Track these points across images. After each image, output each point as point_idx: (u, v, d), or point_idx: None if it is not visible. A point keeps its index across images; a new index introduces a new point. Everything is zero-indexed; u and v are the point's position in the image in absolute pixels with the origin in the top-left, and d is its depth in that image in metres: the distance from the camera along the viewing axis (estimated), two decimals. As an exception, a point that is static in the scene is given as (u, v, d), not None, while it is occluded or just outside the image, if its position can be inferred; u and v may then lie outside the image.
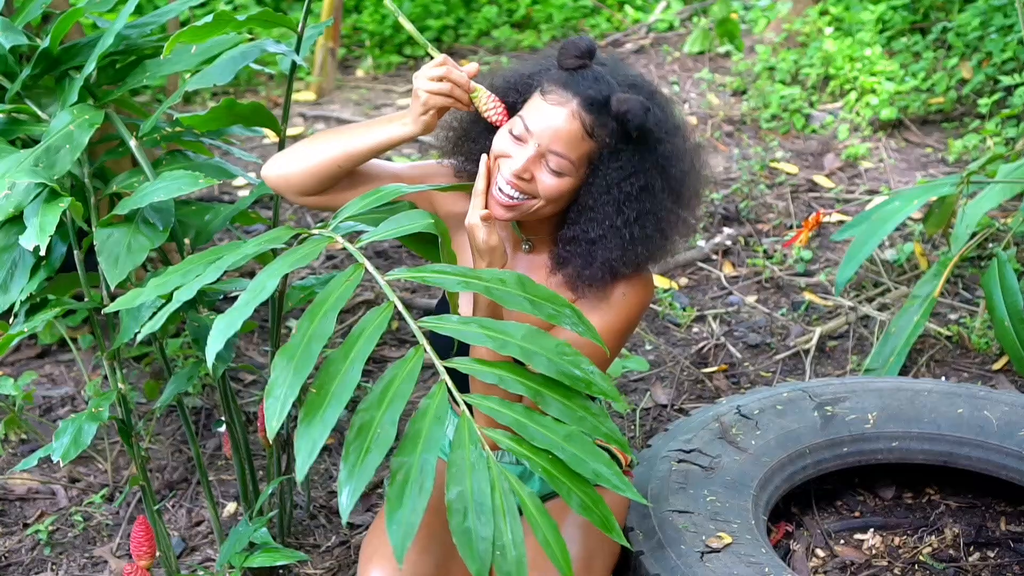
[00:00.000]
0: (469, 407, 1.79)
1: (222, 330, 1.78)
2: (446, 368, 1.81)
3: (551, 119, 2.05)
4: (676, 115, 2.18)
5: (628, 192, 2.10)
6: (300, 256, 1.89)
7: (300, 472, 1.67)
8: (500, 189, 2.09)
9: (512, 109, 2.13)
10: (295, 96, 5.50)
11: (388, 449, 1.70)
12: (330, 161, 2.14)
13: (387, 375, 1.78)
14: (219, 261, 1.90)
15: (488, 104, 2.09)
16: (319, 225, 2.05)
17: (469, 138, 2.21)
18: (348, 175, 2.18)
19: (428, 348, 1.82)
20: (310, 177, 2.16)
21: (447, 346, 1.96)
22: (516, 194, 2.08)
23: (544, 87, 2.08)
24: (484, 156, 2.08)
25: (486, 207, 2.07)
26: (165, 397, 2.47)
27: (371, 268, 1.88)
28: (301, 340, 1.77)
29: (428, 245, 2.24)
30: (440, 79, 2.04)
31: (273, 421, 1.71)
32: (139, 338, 2.07)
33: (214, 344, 1.78)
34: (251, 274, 3.83)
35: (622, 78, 2.12)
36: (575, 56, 2.09)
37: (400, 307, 1.84)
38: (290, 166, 2.18)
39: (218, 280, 1.91)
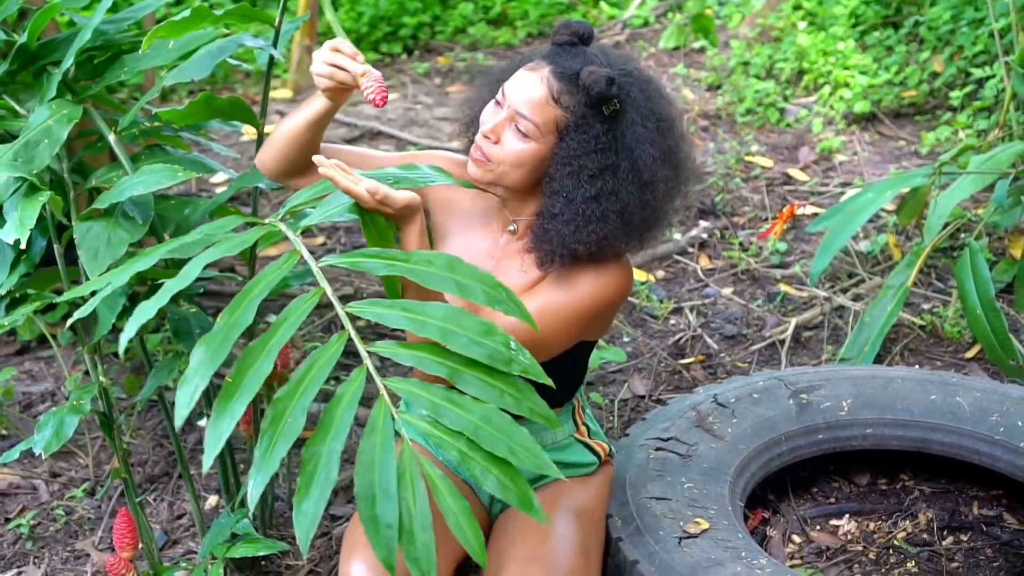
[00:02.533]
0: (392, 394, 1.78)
1: (138, 317, 1.81)
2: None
3: (522, 83, 2.13)
4: (662, 106, 2.18)
5: (589, 167, 2.12)
6: (231, 245, 1.90)
7: (205, 463, 1.67)
8: (472, 149, 2.18)
9: None
10: (274, 94, 5.51)
11: (295, 438, 1.69)
12: (283, 141, 2.21)
13: (306, 362, 1.77)
14: (157, 250, 1.93)
15: (370, 85, 2.07)
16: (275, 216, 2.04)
17: (473, 125, 2.28)
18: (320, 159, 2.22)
19: (353, 333, 1.81)
20: (275, 160, 2.24)
21: None
22: (481, 156, 2.16)
23: (531, 60, 2.17)
24: (318, 157, 2.03)
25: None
26: (146, 391, 2.49)
27: (306, 255, 1.89)
28: (222, 329, 1.77)
29: (381, 230, 2.24)
30: (326, 62, 2.08)
31: (183, 409, 1.71)
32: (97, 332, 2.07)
33: (128, 331, 1.80)
34: (231, 268, 3.85)
35: (618, 64, 2.16)
36: (567, 33, 2.17)
37: (330, 293, 1.84)
38: (263, 152, 2.28)
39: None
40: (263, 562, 2.67)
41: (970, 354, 3.42)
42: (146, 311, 1.81)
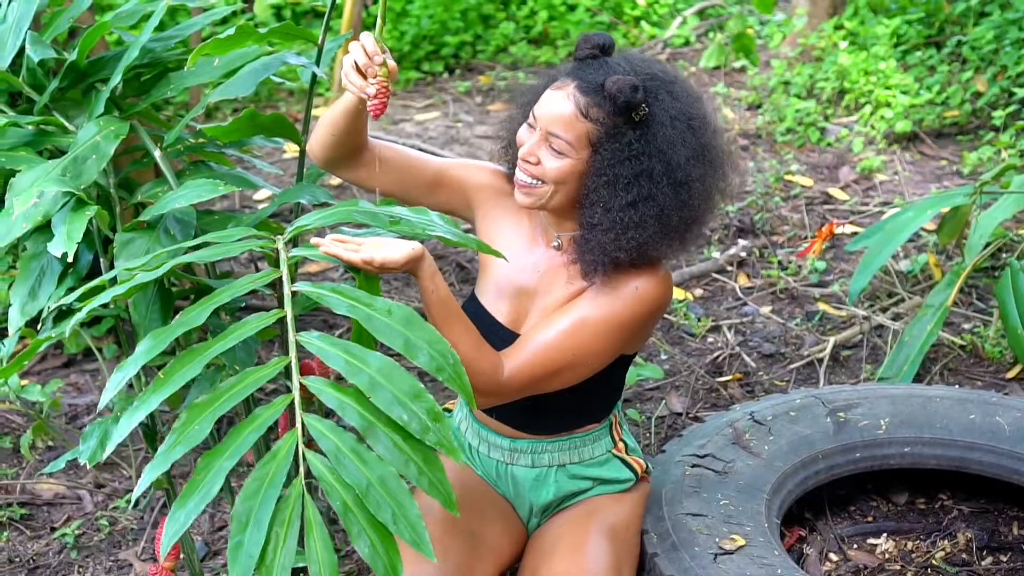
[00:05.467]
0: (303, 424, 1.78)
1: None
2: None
3: (550, 103, 2.16)
4: (693, 106, 2.19)
5: (624, 175, 2.13)
6: (219, 251, 1.94)
7: (93, 453, 1.71)
8: (517, 175, 2.20)
9: None
10: (316, 111, 5.57)
11: (194, 446, 1.71)
12: (326, 129, 2.26)
13: (237, 377, 1.79)
14: (161, 255, 1.97)
15: (371, 94, 2.09)
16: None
17: (511, 147, 2.32)
18: (371, 153, 2.30)
19: (294, 361, 1.81)
20: (320, 147, 2.29)
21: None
22: (527, 179, 2.18)
23: (557, 79, 2.19)
24: (316, 239, 2.04)
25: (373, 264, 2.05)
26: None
27: (285, 275, 1.90)
28: (173, 325, 1.82)
29: (370, 281, 2.23)
30: (354, 66, 2.10)
31: (108, 393, 1.78)
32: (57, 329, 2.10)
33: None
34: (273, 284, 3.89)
35: (642, 68, 2.18)
36: (588, 47, 2.19)
37: (290, 318, 1.84)
38: (311, 139, 2.33)
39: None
40: (301, 574, 2.69)
41: (1011, 374, 3.40)
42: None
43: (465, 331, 2.12)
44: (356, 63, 2.08)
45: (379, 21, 2.10)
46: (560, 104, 2.14)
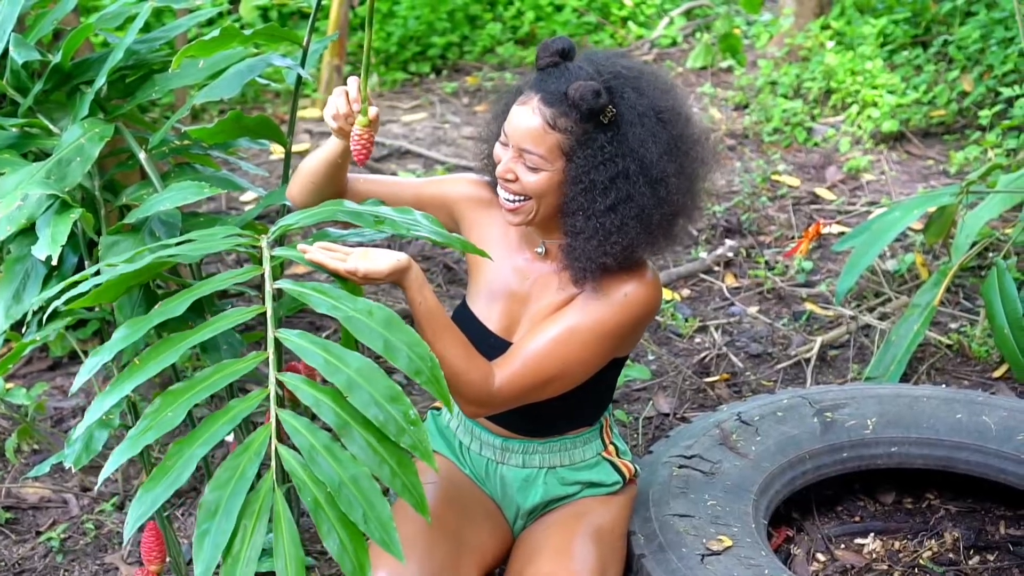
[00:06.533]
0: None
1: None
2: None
3: (517, 119, 2.14)
4: (661, 99, 2.17)
5: (600, 180, 2.12)
6: (198, 248, 1.95)
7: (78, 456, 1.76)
8: (500, 195, 2.19)
9: None
10: (302, 113, 5.56)
11: (165, 432, 1.72)
12: (307, 177, 2.26)
13: (214, 367, 1.80)
14: (142, 252, 1.96)
15: (354, 138, 2.11)
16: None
17: (491, 160, 2.30)
18: (350, 194, 2.28)
19: (271, 357, 1.82)
20: (301, 195, 2.29)
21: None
22: (510, 197, 2.17)
23: (521, 93, 2.17)
24: (303, 245, 2.05)
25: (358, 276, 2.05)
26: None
27: (267, 271, 1.91)
28: (152, 315, 1.83)
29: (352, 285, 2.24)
30: (333, 116, 2.14)
31: (81, 378, 1.79)
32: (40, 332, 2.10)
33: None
34: (258, 286, 3.88)
35: (605, 68, 2.15)
36: (548, 55, 2.17)
37: (270, 314, 1.85)
38: (291, 186, 2.32)
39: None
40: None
41: (997, 373, 3.41)
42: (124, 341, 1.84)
43: (454, 341, 2.11)
44: (339, 110, 2.11)
45: (363, 72, 2.09)
46: (527, 119, 2.12)
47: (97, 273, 1.95)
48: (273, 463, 1.74)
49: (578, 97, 2.07)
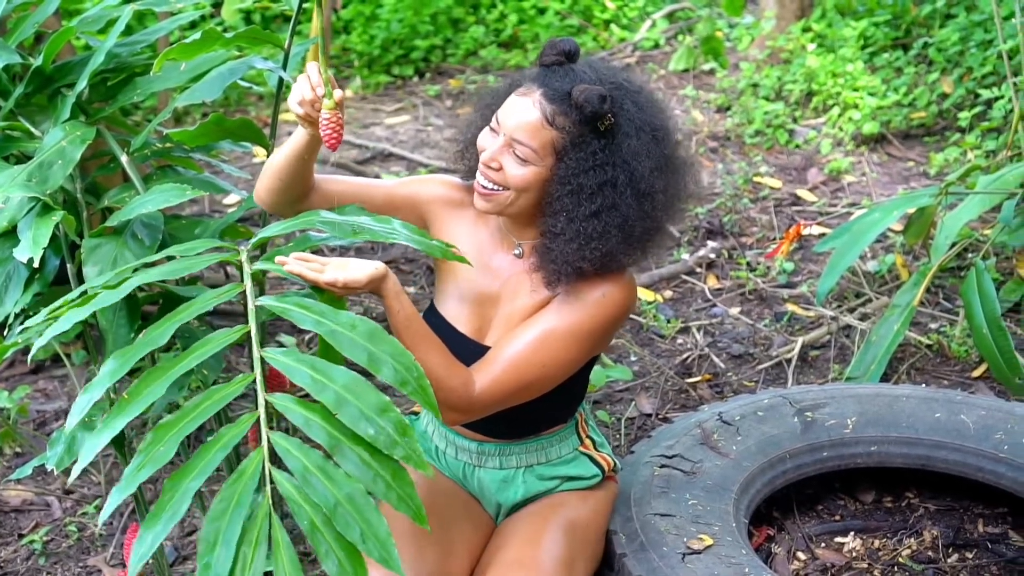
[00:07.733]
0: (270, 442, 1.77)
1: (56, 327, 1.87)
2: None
3: (515, 109, 2.14)
4: (657, 117, 2.20)
5: (588, 185, 2.13)
6: (182, 267, 1.95)
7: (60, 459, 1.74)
8: (477, 179, 2.19)
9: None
10: (285, 115, 5.55)
11: (160, 467, 1.71)
12: (273, 174, 2.21)
13: (203, 395, 1.78)
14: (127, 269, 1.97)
15: (325, 126, 2.08)
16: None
17: (468, 150, 2.30)
18: (318, 193, 2.24)
19: (259, 378, 1.81)
20: (268, 193, 2.24)
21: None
22: (488, 184, 2.17)
23: (520, 84, 2.18)
24: (281, 257, 2.02)
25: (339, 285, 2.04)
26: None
27: (249, 290, 1.89)
28: (138, 344, 1.81)
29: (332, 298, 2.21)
30: (299, 103, 2.09)
31: (74, 417, 1.78)
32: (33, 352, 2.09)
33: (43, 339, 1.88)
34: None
35: (607, 77, 2.17)
36: (553, 54, 2.18)
37: (254, 334, 1.83)
38: (258, 186, 2.27)
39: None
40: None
41: (976, 373, 3.43)
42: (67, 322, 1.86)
43: (433, 349, 2.11)
44: (304, 97, 2.07)
45: (321, 55, 2.06)
46: (526, 111, 2.13)
47: (83, 294, 1.93)
48: (268, 489, 1.73)
49: (583, 99, 2.09)
